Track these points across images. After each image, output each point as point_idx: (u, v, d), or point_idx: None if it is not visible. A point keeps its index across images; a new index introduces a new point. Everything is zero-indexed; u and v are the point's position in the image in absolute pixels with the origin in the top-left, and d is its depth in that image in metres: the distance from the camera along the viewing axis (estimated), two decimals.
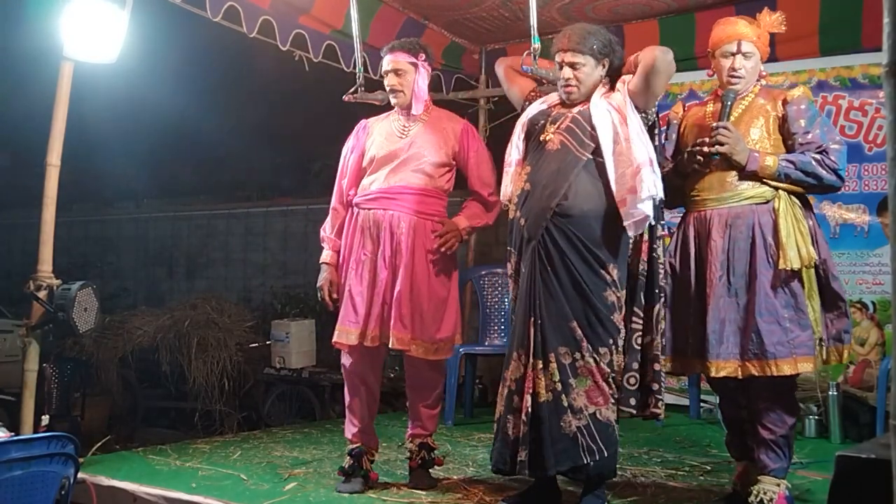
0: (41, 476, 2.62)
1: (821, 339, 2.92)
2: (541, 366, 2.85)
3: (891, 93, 1.24)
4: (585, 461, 2.81)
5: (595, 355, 2.84)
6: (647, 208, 2.79)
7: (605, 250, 2.88)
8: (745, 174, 2.93)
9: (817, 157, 2.89)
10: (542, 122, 3.01)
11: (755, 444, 3.00)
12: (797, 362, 2.84)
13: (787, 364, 2.83)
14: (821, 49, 4.85)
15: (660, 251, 2.98)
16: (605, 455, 2.85)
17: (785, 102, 3.00)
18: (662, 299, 2.97)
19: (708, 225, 2.98)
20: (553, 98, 3.12)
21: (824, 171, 2.88)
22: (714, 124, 2.95)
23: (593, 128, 2.90)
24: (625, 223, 2.83)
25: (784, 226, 2.87)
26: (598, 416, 2.84)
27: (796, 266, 2.84)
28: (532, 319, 2.88)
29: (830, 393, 4.28)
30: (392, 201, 3.35)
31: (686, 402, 4.95)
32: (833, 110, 4.80)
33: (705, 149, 2.92)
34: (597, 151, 2.90)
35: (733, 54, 3.01)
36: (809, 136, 2.93)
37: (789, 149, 2.98)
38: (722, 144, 2.89)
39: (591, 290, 2.85)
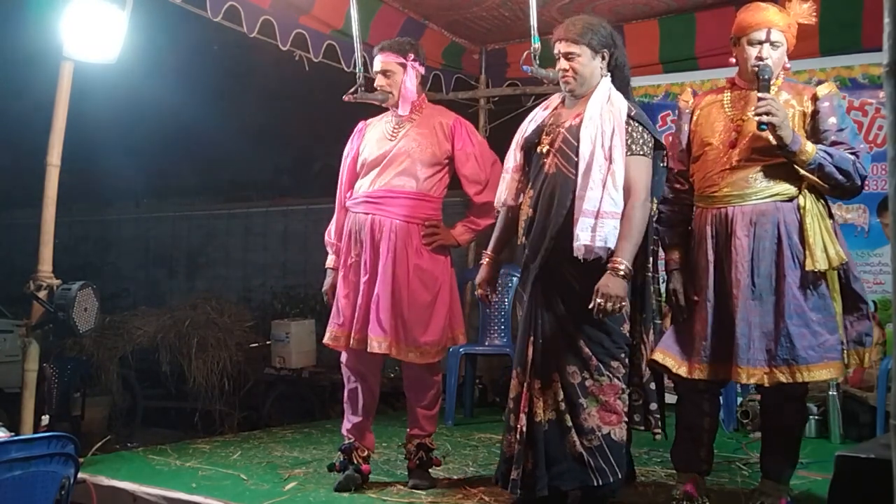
0: (41, 476, 2.62)
1: (841, 343, 2.79)
2: (538, 385, 2.79)
3: (891, 93, 1.24)
4: (596, 482, 2.72)
5: (608, 370, 2.76)
6: (592, 243, 2.71)
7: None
8: (769, 170, 2.78)
9: (853, 158, 2.73)
10: (537, 138, 2.94)
11: (763, 448, 2.95)
12: (829, 367, 2.71)
13: (818, 369, 2.70)
14: (821, 49, 4.84)
15: (651, 269, 2.89)
16: (619, 477, 2.78)
17: (815, 98, 2.84)
18: (653, 324, 2.89)
19: (730, 223, 2.81)
20: (555, 100, 3.05)
21: (856, 174, 2.73)
22: (759, 95, 2.72)
23: (578, 144, 2.80)
24: (575, 243, 2.71)
25: (811, 225, 2.73)
26: (612, 436, 2.76)
27: (824, 267, 2.71)
28: (531, 339, 2.82)
29: (830, 393, 4.27)
30: (373, 205, 3.35)
31: None
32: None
33: (755, 118, 2.70)
34: None
35: (761, 42, 2.80)
36: (842, 134, 2.78)
37: None
38: (769, 115, 2.66)
39: None
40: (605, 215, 2.71)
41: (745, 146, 2.83)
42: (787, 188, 2.79)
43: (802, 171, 2.75)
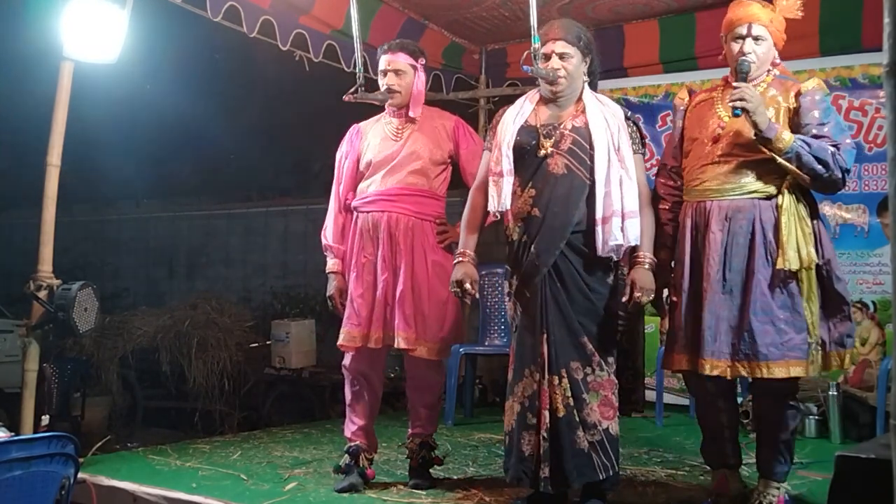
0: (41, 476, 2.61)
1: (820, 343, 2.80)
2: (556, 381, 2.82)
3: (891, 93, 1.24)
4: (601, 476, 2.80)
5: (607, 366, 2.84)
6: (624, 242, 2.84)
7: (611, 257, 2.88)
8: (750, 167, 2.80)
9: (832, 149, 2.73)
10: (534, 141, 2.93)
11: (758, 448, 2.97)
12: (789, 366, 2.72)
13: (778, 367, 2.72)
14: (821, 49, 4.84)
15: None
16: (617, 470, 2.86)
17: (798, 94, 2.84)
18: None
19: (707, 217, 2.85)
20: (532, 100, 3.04)
21: (835, 165, 2.71)
22: (735, 83, 2.77)
23: (592, 146, 2.86)
24: (608, 242, 2.80)
25: (786, 224, 2.75)
26: (610, 430, 2.83)
27: (795, 267, 2.73)
28: (545, 336, 2.84)
29: (830, 393, 4.27)
30: (389, 203, 3.37)
31: (686, 402, 4.95)
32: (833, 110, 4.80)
33: (729, 104, 2.75)
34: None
35: (743, 37, 2.84)
36: (825, 128, 2.77)
37: None
38: (742, 101, 2.69)
39: (599, 301, 2.86)
40: (630, 215, 2.84)
41: (727, 141, 2.86)
42: (767, 186, 2.82)
43: (780, 160, 2.73)
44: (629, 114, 2.99)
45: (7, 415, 5.36)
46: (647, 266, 2.84)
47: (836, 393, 4.27)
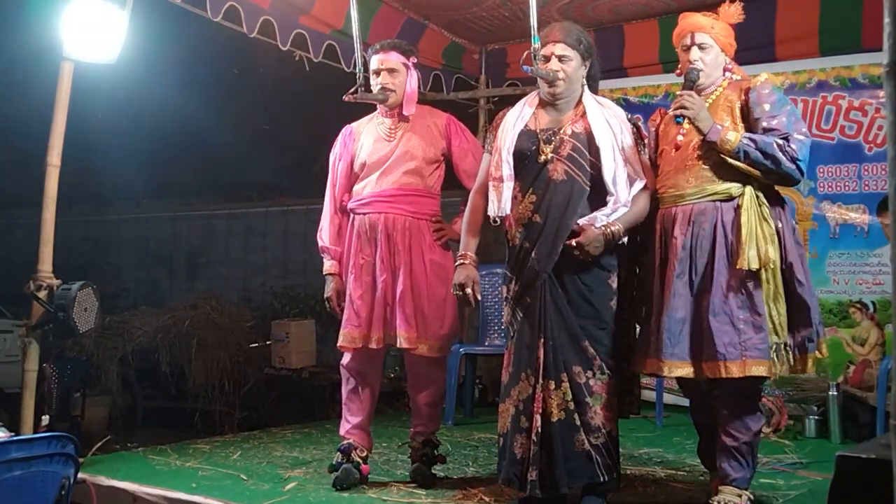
0: (41, 476, 2.62)
1: (785, 344, 2.80)
2: (553, 386, 2.82)
3: (891, 93, 1.24)
4: (603, 478, 2.81)
5: (609, 369, 2.85)
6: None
7: (609, 259, 2.89)
8: (710, 171, 2.85)
9: (780, 142, 2.76)
10: (534, 146, 2.93)
11: (717, 451, 2.91)
12: (746, 365, 2.72)
13: (735, 366, 2.71)
14: (821, 49, 4.84)
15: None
16: (619, 471, 2.90)
17: (747, 90, 2.91)
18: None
19: (672, 222, 2.90)
20: (532, 103, 3.05)
21: (784, 157, 2.75)
22: (678, 92, 2.89)
23: (593, 153, 2.88)
24: (590, 217, 2.84)
25: (746, 224, 2.77)
26: (612, 433, 2.86)
27: (754, 266, 2.74)
28: (542, 340, 2.85)
29: (830, 393, 4.27)
30: (386, 204, 3.38)
31: (686, 402, 4.94)
32: (833, 110, 4.80)
33: (670, 112, 2.88)
34: (595, 177, 2.90)
35: (689, 47, 2.95)
36: (775, 121, 2.81)
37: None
38: (683, 108, 2.81)
39: (599, 304, 2.86)
40: (625, 204, 2.87)
41: (687, 147, 2.91)
42: (727, 188, 2.85)
43: (731, 161, 2.80)
44: (629, 116, 3.02)
45: (7, 415, 5.36)
46: (606, 232, 2.80)
47: (836, 393, 4.27)
